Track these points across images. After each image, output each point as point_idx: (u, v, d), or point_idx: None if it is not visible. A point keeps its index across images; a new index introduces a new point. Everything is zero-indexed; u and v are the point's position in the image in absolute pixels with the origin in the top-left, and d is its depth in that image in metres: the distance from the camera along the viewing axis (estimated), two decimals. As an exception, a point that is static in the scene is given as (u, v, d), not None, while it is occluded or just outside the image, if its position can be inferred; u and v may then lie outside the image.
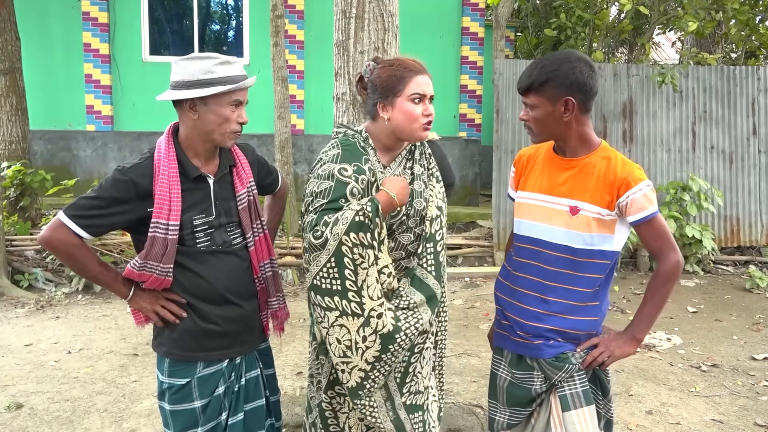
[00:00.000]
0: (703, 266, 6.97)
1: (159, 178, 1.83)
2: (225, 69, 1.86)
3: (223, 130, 1.89)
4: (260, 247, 2.04)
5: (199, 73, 1.83)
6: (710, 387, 3.93)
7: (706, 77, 7.40)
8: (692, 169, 7.27)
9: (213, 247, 1.92)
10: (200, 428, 1.92)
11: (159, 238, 1.82)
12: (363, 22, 2.78)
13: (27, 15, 8.38)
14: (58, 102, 8.94)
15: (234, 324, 1.95)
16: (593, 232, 1.88)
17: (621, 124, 7.33)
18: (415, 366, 2.06)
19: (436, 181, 2.11)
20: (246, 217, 1.99)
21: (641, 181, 1.84)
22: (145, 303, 1.90)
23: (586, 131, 1.93)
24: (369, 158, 1.97)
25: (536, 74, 1.87)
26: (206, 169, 1.94)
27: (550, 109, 1.87)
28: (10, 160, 7.16)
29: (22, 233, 6.63)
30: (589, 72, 1.86)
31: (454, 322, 5.28)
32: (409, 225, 2.03)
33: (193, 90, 1.83)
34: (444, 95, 9.35)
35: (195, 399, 1.90)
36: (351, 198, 1.86)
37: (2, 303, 5.61)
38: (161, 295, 1.91)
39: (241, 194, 1.99)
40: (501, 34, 8.49)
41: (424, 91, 1.97)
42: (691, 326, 5.15)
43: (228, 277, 1.93)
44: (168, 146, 1.89)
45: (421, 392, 2.09)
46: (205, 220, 1.90)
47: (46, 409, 3.53)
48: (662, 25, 9.26)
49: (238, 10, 9.31)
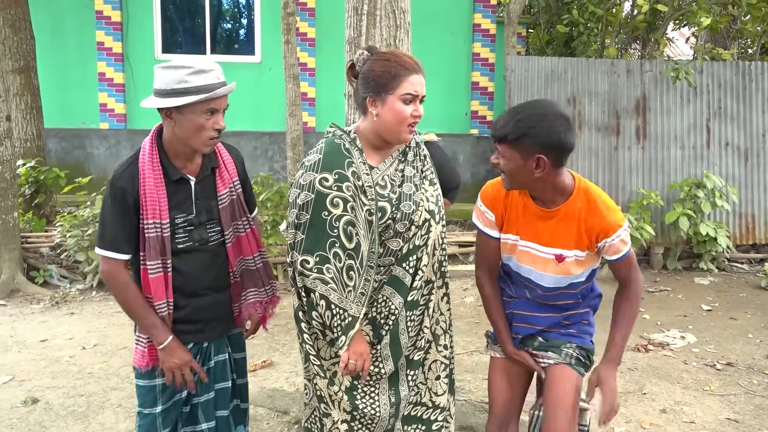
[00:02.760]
0: (718, 264, 6.90)
1: (145, 181, 1.92)
2: (199, 78, 1.87)
3: (198, 137, 1.93)
4: (240, 244, 2.11)
5: (173, 82, 1.87)
6: (725, 386, 3.90)
7: (721, 73, 7.32)
8: (707, 166, 7.20)
9: (190, 244, 2.01)
10: (159, 405, 2.06)
11: (158, 237, 1.93)
12: (375, 18, 2.78)
13: (41, 14, 8.44)
14: (71, 100, 9.01)
15: (204, 313, 2.07)
16: (579, 271, 2.05)
17: (634, 121, 7.27)
18: (416, 376, 2.08)
19: (429, 184, 2.05)
20: (226, 215, 2.07)
21: (618, 228, 1.95)
22: (180, 353, 2.00)
23: (560, 181, 1.96)
24: (353, 161, 1.93)
25: (511, 127, 1.86)
26: (188, 170, 2.01)
27: (521, 163, 1.89)
28: (25, 157, 7.23)
29: (37, 230, 6.70)
30: (566, 130, 1.85)
31: (466, 319, 5.27)
32: (398, 229, 1.96)
33: (168, 99, 1.87)
34: (455, 92, 9.33)
35: (156, 377, 2.04)
36: (333, 208, 1.85)
37: (18, 299, 5.67)
38: (191, 359, 2.03)
39: (223, 194, 2.07)
40: (513, 31, 8.45)
41: (417, 91, 1.91)
42: (705, 324, 5.11)
43: (201, 271, 2.04)
44: (152, 149, 1.97)
45: (427, 406, 2.10)
46: (185, 218, 1.99)
47: (61, 404, 3.57)
48: (677, 21, 9.17)
49: (250, 7, 9.34)
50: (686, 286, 6.29)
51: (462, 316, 5.38)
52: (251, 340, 4.61)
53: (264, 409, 3.50)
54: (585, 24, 9.54)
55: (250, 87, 9.09)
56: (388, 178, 1.99)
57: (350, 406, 2.02)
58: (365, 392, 2.03)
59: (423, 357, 2.07)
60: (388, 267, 1.99)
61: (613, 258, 2.00)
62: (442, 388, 2.11)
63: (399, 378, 2.05)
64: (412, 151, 2.07)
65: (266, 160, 9.13)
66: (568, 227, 1.97)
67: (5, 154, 5.94)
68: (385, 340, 1.99)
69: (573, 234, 1.97)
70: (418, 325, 2.03)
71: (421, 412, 2.10)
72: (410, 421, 2.10)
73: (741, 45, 11.00)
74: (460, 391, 3.65)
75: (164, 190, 1.94)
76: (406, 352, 2.04)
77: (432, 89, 8.51)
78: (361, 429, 2.05)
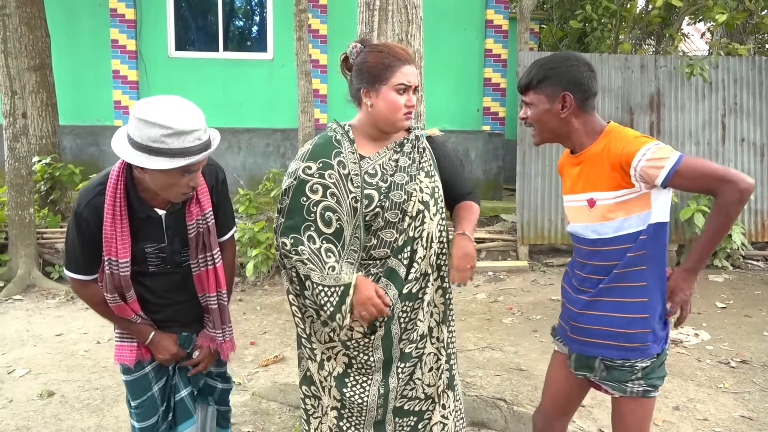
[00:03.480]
0: (733, 261, 6.84)
1: (106, 216, 1.83)
2: (177, 141, 1.68)
3: (170, 191, 1.81)
4: (205, 278, 2.03)
5: (148, 140, 1.68)
6: (739, 383, 3.87)
7: (737, 68, 7.23)
8: (722, 162, 7.12)
9: (162, 266, 2.01)
10: (155, 386, 2.11)
11: (114, 274, 1.91)
12: (387, 14, 2.78)
13: (56, 12, 8.52)
14: (86, 98, 9.09)
15: (182, 315, 2.11)
16: (621, 215, 1.84)
17: (648, 117, 7.21)
18: (414, 370, 2.08)
19: (426, 176, 2.04)
20: (193, 246, 1.99)
21: (638, 151, 1.77)
22: (167, 345, 2.06)
23: (587, 124, 1.92)
24: (341, 151, 1.98)
25: (534, 72, 1.91)
26: (158, 203, 1.91)
27: (548, 106, 1.90)
28: (40, 154, 7.31)
29: (53, 226, 6.78)
30: (587, 71, 1.88)
31: (478, 316, 5.26)
32: (389, 220, 1.97)
33: (140, 155, 1.70)
34: (467, 88, 9.30)
35: (146, 366, 2.09)
36: (311, 194, 1.91)
37: (34, 294, 5.74)
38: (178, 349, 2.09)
39: (191, 225, 1.96)
40: (525, 27, 8.40)
41: (409, 81, 1.95)
42: (719, 322, 5.06)
43: (173, 290, 2.07)
44: (116, 184, 1.83)
45: (420, 399, 2.10)
46: (157, 247, 1.97)
47: (76, 397, 3.61)
48: (692, 16, 9.07)
49: (262, 5, 9.36)
50: (700, 284, 6.23)
51: (473, 312, 5.38)
52: (263, 335, 4.66)
53: (276, 403, 3.52)
54: (599, 19, 9.47)
55: (263, 84, 9.13)
56: (379, 167, 2.01)
57: (339, 394, 2.05)
58: (356, 381, 2.04)
59: (417, 350, 2.06)
60: (383, 260, 2.01)
61: (662, 179, 1.74)
62: (433, 379, 2.11)
63: (390, 370, 2.05)
64: (410, 142, 2.08)
65: (278, 157, 9.16)
66: (594, 169, 1.88)
67: (21, 150, 6.01)
68: (379, 332, 2.00)
69: (599, 174, 1.86)
70: (412, 318, 2.03)
71: (413, 406, 2.11)
72: (403, 414, 2.11)
73: (757, 40, 10.87)
74: (471, 386, 3.65)
75: (126, 229, 1.86)
76: (400, 344, 2.04)
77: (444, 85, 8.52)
78: (351, 417, 2.07)
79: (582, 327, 1.97)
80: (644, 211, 1.83)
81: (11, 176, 5.98)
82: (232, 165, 8.99)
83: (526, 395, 3.64)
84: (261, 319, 5.12)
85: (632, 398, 1.93)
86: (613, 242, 1.88)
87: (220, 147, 9.78)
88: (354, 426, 2.09)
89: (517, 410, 3.26)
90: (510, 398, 3.47)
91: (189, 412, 2.15)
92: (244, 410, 3.43)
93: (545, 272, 6.67)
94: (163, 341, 2.05)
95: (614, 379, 1.93)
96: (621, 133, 1.86)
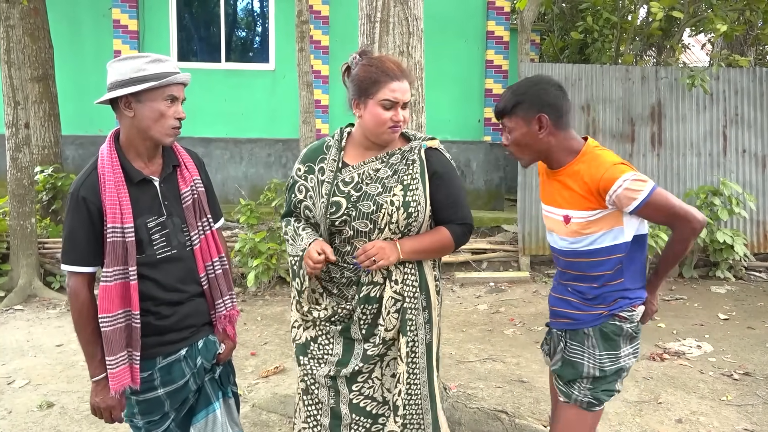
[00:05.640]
0: (735, 272, 6.82)
1: (105, 185, 1.87)
2: (156, 66, 1.88)
3: (160, 126, 1.91)
4: (205, 246, 2.06)
5: (131, 71, 1.87)
6: (742, 396, 3.84)
7: (738, 79, 7.25)
8: (723, 174, 7.12)
9: (168, 250, 1.97)
10: (170, 411, 2.03)
11: (118, 242, 1.87)
12: (388, 26, 2.79)
13: (59, 23, 8.58)
14: (88, 108, 9.09)
15: (192, 318, 2.04)
16: (595, 232, 1.98)
17: (649, 128, 7.22)
18: (373, 369, 2.12)
19: (402, 189, 2.02)
20: (191, 215, 2.02)
21: (616, 180, 1.89)
22: (105, 396, 1.96)
23: (567, 142, 2.02)
24: (326, 157, 2.11)
25: (508, 98, 2.02)
26: (150, 171, 1.97)
27: (526, 129, 2.00)
28: (42, 164, 7.33)
29: (54, 236, 6.78)
30: (557, 91, 2.00)
31: (479, 327, 5.25)
32: (359, 229, 2.03)
33: (127, 88, 1.86)
34: (468, 99, 9.32)
35: (158, 388, 1.99)
36: (297, 193, 2.14)
37: (34, 304, 5.74)
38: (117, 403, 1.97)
39: (185, 192, 2.02)
40: (526, 38, 8.43)
41: (396, 98, 1.98)
42: (722, 333, 5.04)
43: (181, 279, 2.00)
44: (110, 152, 1.92)
45: (377, 401, 2.12)
46: (157, 221, 1.95)
47: (76, 408, 3.59)
48: (693, 28, 9.11)
49: (264, 16, 9.41)
50: (702, 295, 6.22)
51: (475, 323, 5.36)
52: (264, 345, 4.64)
53: (276, 415, 3.50)
54: (599, 31, 9.50)
55: (265, 94, 9.16)
56: (357, 176, 2.07)
57: (299, 361, 2.21)
58: (313, 355, 2.18)
59: (379, 353, 2.10)
60: (357, 265, 2.07)
61: (632, 208, 1.90)
62: (396, 386, 2.11)
63: (347, 363, 2.13)
64: (400, 153, 2.09)
65: (280, 167, 9.17)
66: (572, 188, 1.99)
67: (23, 160, 6.03)
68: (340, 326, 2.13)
69: (576, 194, 1.98)
70: (371, 320, 2.08)
71: (370, 407, 2.13)
72: (358, 411, 2.13)
73: (758, 51, 10.90)
74: (473, 398, 3.63)
75: (126, 193, 1.89)
76: (363, 345, 2.11)
77: (445, 96, 8.54)
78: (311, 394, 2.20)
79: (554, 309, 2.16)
80: (617, 227, 1.98)
81: (13, 186, 5.99)
82: (233, 175, 9.01)
83: (528, 407, 3.62)
84: (262, 330, 5.11)
85: (574, 407, 2.06)
86: (588, 255, 2.01)
87: (222, 157, 9.79)
88: (314, 404, 2.20)
89: (519, 422, 3.23)
90: (512, 410, 3.44)
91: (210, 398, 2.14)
92: (244, 422, 3.41)
93: (547, 283, 6.65)
94: (104, 389, 1.95)
95: (565, 378, 2.07)
96: (599, 158, 1.96)
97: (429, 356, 2.15)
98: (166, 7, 9.08)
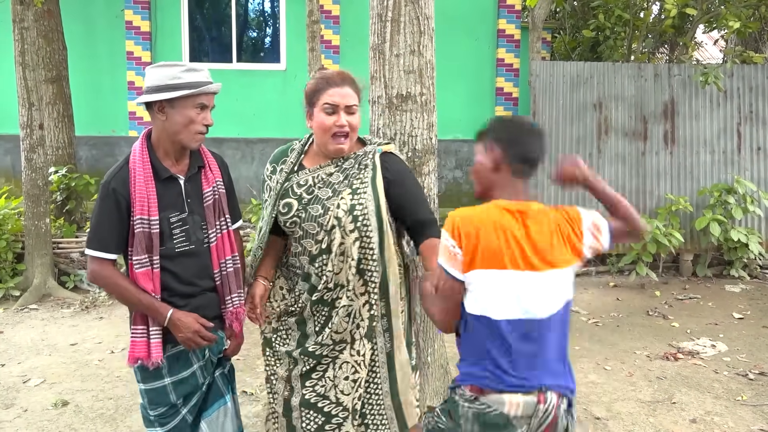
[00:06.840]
0: (750, 271, 6.74)
1: (135, 179, 2.01)
2: (191, 75, 2.02)
3: (188, 131, 2.04)
4: (221, 244, 2.17)
5: (167, 78, 2.00)
6: (758, 396, 3.80)
7: (753, 76, 7.16)
8: (737, 171, 7.04)
9: (186, 245, 2.07)
10: (178, 402, 2.12)
11: (144, 233, 2.00)
12: (399, 25, 2.79)
13: (73, 25, 8.64)
14: (102, 109, 9.20)
15: (205, 310, 2.12)
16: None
17: (662, 126, 7.15)
18: (326, 369, 2.17)
19: (351, 192, 2.09)
20: (210, 214, 2.13)
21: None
22: (186, 319, 2.03)
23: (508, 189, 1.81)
24: (287, 161, 2.24)
25: (486, 124, 1.89)
26: (176, 169, 2.10)
27: (480, 157, 1.85)
28: (57, 165, 7.39)
29: (68, 236, 6.84)
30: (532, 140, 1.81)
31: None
32: (308, 230, 2.13)
33: (162, 93, 1.99)
34: (480, 98, 9.30)
35: (165, 376, 2.09)
36: (265, 193, 2.27)
37: (49, 303, 5.79)
38: (198, 326, 2.06)
39: (207, 192, 2.14)
40: (538, 36, 8.40)
41: (335, 101, 2.08)
42: (737, 333, 4.99)
43: (196, 274, 2.10)
44: (142, 149, 2.06)
45: (330, 401, 2.16)
46: (179, 217, 2.07)
47: (90, 407, 3.63)
48: (706, 24, 9.02)
49: (275, 16, 9.44)
50: (717, 294, 6.16)
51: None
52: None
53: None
54: (611, 28, 9.43)
55: (276, 94, 9.19)
56: (312, 179, 2.18)
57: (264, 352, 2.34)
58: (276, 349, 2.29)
59: (332, 352, 2.16)
60: (304, 265, 2.17)
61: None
62: (349, 389, 2.17)
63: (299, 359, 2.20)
64: (354, 158, 2.18)
65: (291, 167, 9.21)
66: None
67: (38, 161, 6.08)
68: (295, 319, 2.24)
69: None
70: (323, 323, 2.16)
71: (323, 404, 2.18)
72: (310, 407, 2.19)
73: (773, 47, 10.75)
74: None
75: (153, 188, 2.02)
76: (311, 345, 2.17)
77: (456, 95, 8.52)
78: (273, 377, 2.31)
79: None
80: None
81: (28, 186, 6.05)
82: (245, 175, 9.04)
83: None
84: (273, 329, 5.12)
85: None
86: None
87: (233, 157, 9.81)
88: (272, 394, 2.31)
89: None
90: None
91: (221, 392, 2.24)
92: (255, 420, 3.42)
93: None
94: (183, 318, 2.03)
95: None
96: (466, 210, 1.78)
97: (391, 366, 2.19)
98: (178, 8, 9.14)
